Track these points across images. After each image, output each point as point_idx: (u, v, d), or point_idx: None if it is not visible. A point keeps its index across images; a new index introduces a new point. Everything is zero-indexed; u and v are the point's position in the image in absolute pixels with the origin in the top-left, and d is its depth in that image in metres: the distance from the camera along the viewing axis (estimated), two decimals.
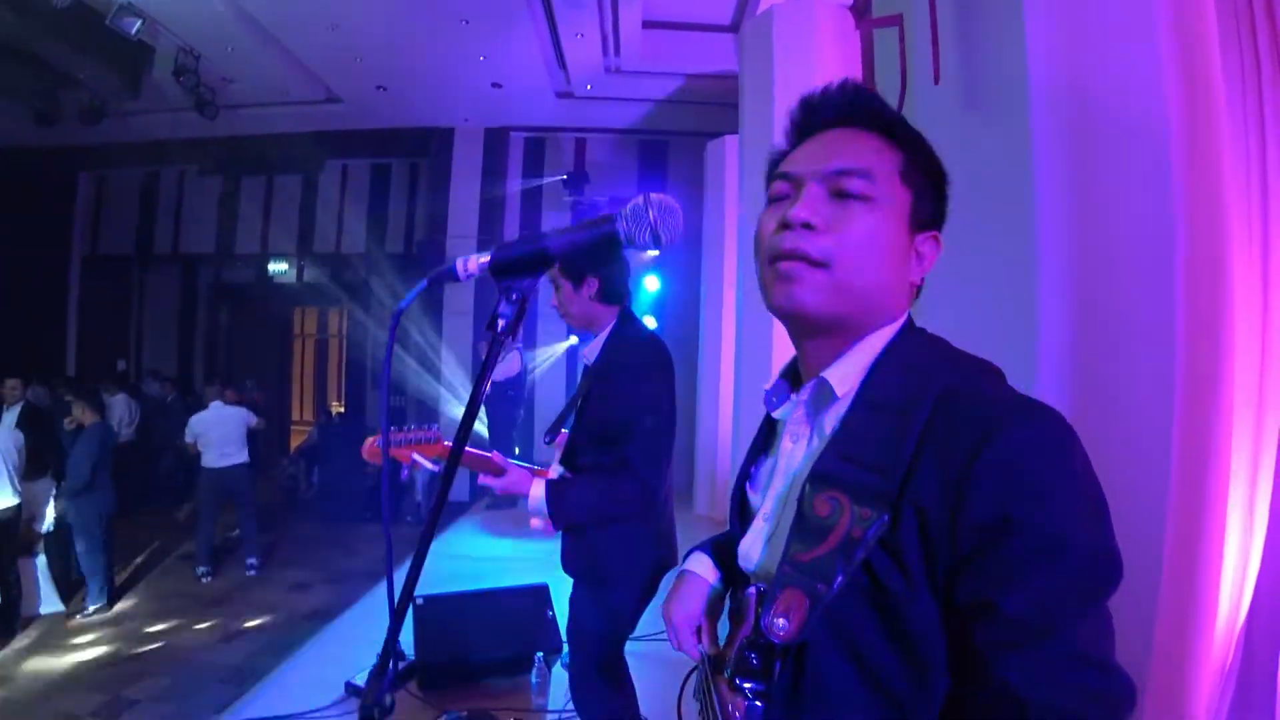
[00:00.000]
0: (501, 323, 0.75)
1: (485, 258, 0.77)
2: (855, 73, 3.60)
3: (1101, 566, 0.63)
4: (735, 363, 4.48)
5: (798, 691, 0.70)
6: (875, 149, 0.75)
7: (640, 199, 0.74)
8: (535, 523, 1.75)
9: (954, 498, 0.63)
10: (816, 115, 0.80)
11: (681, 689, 1.00)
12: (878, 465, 0.67)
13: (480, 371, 0.76)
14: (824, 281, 0.71)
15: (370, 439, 1.83)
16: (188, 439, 5.44)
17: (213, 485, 5.42)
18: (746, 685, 0.73)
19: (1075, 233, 1.58)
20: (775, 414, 0.84)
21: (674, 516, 1.99)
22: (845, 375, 0.75)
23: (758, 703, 0.73)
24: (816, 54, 3.52)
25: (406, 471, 1.89)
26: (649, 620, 1.89)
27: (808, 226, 0.71)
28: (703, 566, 1.00)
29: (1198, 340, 1.60)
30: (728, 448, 5.42)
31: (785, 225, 0.73)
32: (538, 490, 1.71)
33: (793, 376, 0.85)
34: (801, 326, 0.78)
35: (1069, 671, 0.60)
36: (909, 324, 0.78)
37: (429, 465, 1.73)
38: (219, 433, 5.44)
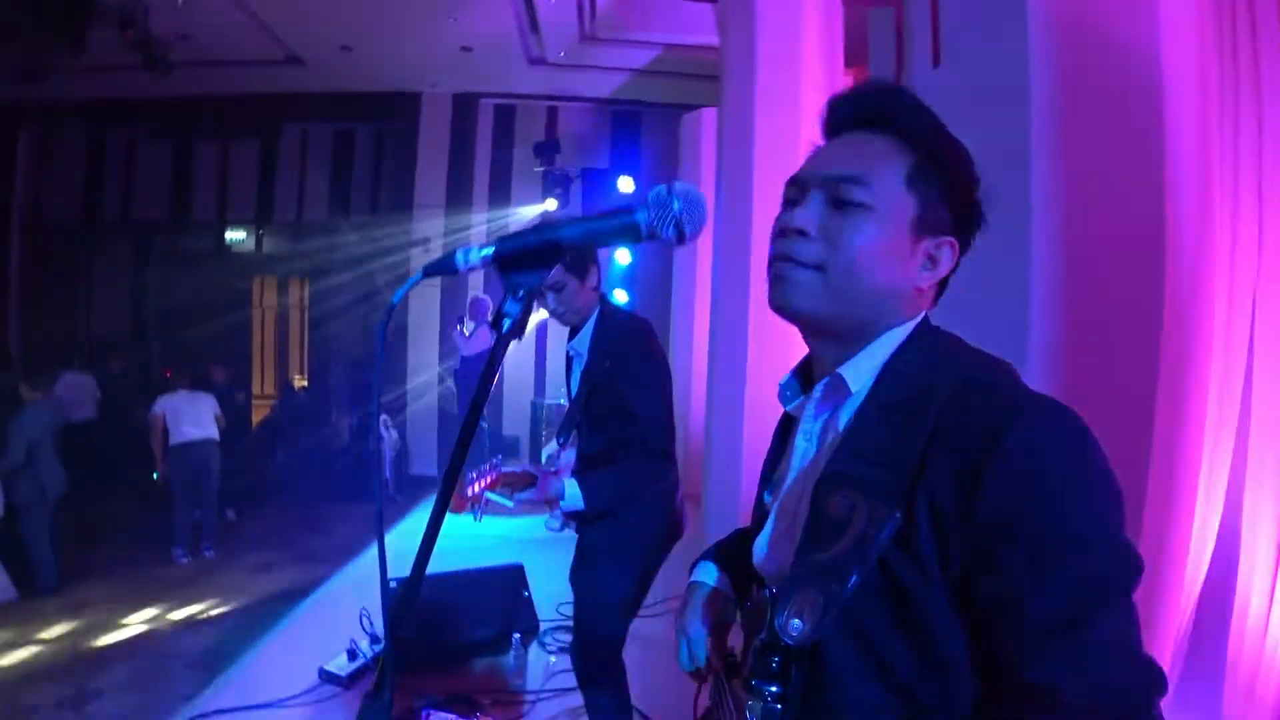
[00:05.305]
0: (507, 322, 0.69)
1: (489, 250, 0.71)
2: (842, 49, 3.54)
3: (1123, 558, 0.63)
4: (710, 338, 4.44)
5: (815, 693, 0.69)
6: (884, 152, 0.74)
7: (663, 187, 0.68)
8: (553, 524, 1.79)
9: (968, 490, 0.62)
10: (836, 116, 0.80)
11: (697, 695, 0.99)
12: (890, 461, 0.66)
13: (481, 381, 0.69)
14: (815, 283, 0.73)
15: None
16: (156, 411, 5.22)
17: (184, 460, 5.22)
18: (766, 688, 0.72)
19: (1068, 235, 1.57)
20: (789, 409, 0.84)
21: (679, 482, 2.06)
22: (859, 373, 0.75)
23: (777, 705, 0.72)
24: (802, 27, 3.43)
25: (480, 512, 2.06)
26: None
27: (801, 234, 0.73)
28: (710, 577, 0.99)
29: (1180, 334, 1.63)
30: (700, 423, 5.41)
31: (782, 232, 0.75)
32: (572, 490, 1.77)
33: (804, 374, 0.84)
34: (803, 327, 0.78)
35: (1096, 666, 0.60)
36: (925, 323, 0.77)
37: (507, 502, 1.80)
38: (190, 408, 5.28)
